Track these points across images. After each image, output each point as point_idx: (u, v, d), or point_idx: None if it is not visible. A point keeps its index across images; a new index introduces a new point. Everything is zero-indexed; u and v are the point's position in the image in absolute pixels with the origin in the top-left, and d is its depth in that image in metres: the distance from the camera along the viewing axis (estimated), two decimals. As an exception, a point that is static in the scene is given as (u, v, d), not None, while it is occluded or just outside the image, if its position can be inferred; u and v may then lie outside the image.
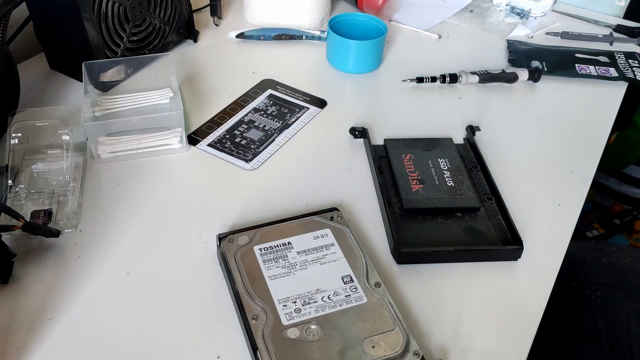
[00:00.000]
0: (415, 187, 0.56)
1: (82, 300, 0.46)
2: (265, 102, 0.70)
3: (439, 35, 0.86)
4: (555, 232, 0.55)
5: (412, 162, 0.59)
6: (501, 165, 0.62)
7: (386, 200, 0.55)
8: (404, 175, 0.57)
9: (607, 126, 0.70)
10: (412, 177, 0.57)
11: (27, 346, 0.43)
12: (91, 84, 0.64)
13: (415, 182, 0.57)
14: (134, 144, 0.60)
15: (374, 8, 0.87)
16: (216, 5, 0.84)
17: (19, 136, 0.57)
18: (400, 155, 0.60)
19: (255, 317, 0.42)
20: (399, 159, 0.59)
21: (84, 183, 0.57)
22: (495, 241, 0.51)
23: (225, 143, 0.63)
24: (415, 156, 0.60)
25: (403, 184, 0.56)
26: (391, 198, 0.56)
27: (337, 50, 0.76)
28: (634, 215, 1.36)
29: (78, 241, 0.51)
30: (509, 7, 0.92)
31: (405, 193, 0.55)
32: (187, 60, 0.77)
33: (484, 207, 0.55)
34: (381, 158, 0.61)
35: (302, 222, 0.50)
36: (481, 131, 0.65)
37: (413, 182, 0.57)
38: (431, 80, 0.74)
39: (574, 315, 0.64)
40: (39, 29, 0.70)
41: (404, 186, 0.56)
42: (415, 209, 0.54)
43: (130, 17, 0.69)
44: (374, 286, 0.45)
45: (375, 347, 0.41)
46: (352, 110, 0.70)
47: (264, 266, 0.46)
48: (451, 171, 0.58)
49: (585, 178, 0.62)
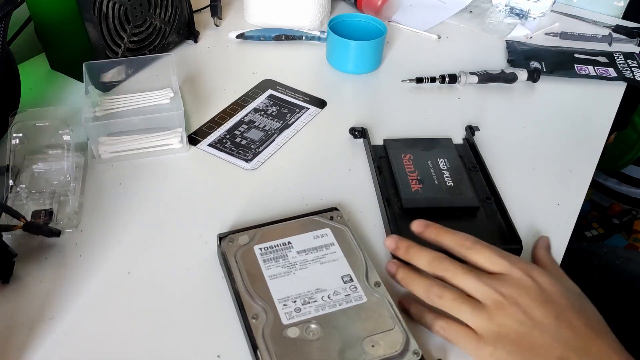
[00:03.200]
0: (414, 186, 0.56)
1: (83, 299, 0.47)
2: (266, 103, 0.70)
3: (438, 36, 0.87)
4: (555, 232, 0.55)
5: (411, 162, 0.59)
6: (500, 165, 0.62)
7: (386, 200, 0.55)
8: (403, 175, 0.57)
9: (606, 126, 0.70)
10: (412, 177, 0.57)
11: (27, 346, 0.43)
12: (92, 84, 0.64)
13: (414, 182, 0.57)
14: (134, 144, 0.60)
15: (373, 9, 0.87)
16: (216, 6, 0.84)
17: (19, 136, 0.57)
18: (400, 155, 0.60)
19: (256, 317, 0.42)
20: (398, 159, 0.60)
21: (84, 183, 0.57)
22: (494, 241, 0.51)
23: (226, 143, 0.63)
24: (414, 156, 0.60)
25: (402, 184, 0.56)
26: (391, 198, 0.56)
27: (337, 51, 0.76)
28: (633, 215, 1.36)
29: (79, 241, 0.51)
30: (508, 7, 0.92)
31: (405, 193, 0.56)
32: (187, 60, 0.77)
33: (483, 207, 0.56)
34: (381, 158, 0.61)
35: (302, 222, 0.50)
36: (480, 131, 0.65)
37: (413, 182, 0.57)
38: (430, 81, 0.74)
39: None
40: (40, 29, 0.70)
41: (404, 186, 0.56)
42: (414, 208, 0.54)
43: (131, 18, 0.69)
44: (373, 286, 0.45)
45: (375, 346, 0.41)
46: (352, 111, 0.70)
47: (264, 266, 0.46)
48: (450, 171, 0.58)
49: (585, 178, 0.62)
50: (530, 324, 0.39)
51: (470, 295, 0.42)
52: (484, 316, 0.40)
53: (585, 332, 0.39)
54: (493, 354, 0.39)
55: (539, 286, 0.41)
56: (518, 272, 0.42)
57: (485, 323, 0.40)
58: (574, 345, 0.39)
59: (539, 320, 0.39)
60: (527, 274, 0.42)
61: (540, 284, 0.41)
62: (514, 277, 0.42)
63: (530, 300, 0.40)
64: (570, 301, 0.41)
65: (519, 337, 0.39)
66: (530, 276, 0.42)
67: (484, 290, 0.41)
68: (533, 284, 0.41)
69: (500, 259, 0.43)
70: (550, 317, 0.40)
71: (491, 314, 0.40)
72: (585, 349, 0.38)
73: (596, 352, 0.39)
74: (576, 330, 0.39)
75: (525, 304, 0.40)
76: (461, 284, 0.42)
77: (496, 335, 0.40)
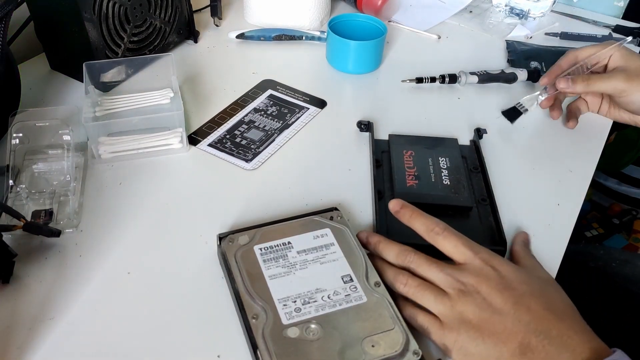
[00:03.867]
0: (410, 182, 0.56)
1: (83, 299, 0.47)
2: (266, 103, 0.70)
3: (438, 36, 0.87)
4: (555, 232, 0.55)
5: (412, 159, 0.59)
6: (500, 165, 0.62)
7: (378, 192, 0.55)
8: (401, 170, 0.58)
9: (606, 126, 0.70)
10: (409, 173, 0.57)
11: (27, 346, 0.43)
12: (92, 84, 0.65)
13: (411, 177, 0.57)
14: (134, 144, 0.60)
15: (373, 9, 0.87)
16: (216, 6, 0.84)
17: (20, 136, 0.57)
18: (402, 151, 0.60)
19: (256, 317, 0.42)
20: (399, 154, 0.60)
21: (84, 183, 0.57)
22: (482, 241, 0.50)
23: (226, 143, 0.63)
24: (416, 153, 0.60)
25: (398, 178, 0.57)
26: (385, 191, 0.57)
27: (337, 51, 0.76)
28: (633, 215, 1.36)
29: (79, 241, 0.51)
30: (508, 7, 0.92)
31: (399, 187, 0.56)
32: (187, 60, 0.77)
33: (477, 208, 0.56)
34: (383, 152, 0.62)
35: (302, 222, 0.50)
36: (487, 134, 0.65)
37: (409, 178, 0.57)
38: (430, 81, 0.74)
39: None
40: (40, 29, 0.70)
41: (399, 180, 0.57)
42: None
43: (131, 18, 0.69)
44: (373, 285, 0.45)
45: (375, 346, 0.41)
46: (352, 111, 0.70)
47: (264, 266, 0.46)
48: (450, 170, 0.58)
49: (585, 178, 0.62)
50: (490, 310, 0.41)
51: (435, 285, 0.44)
52: (447, 304, 0.42)
53: (545, 315, 0.41)
54: (457, 339, 0.41)
55: (499, 274, 0.43)
56: (479, 261, 0.44)
57: (448, 310, 0.42)
58: (534, 329, 0.40)
59: (499, 307, 0.41)
60: (487, 264, 0.44)
61: (500, 272, 0.43)
62: (475, 266, 0.44)
63: (489, 288, 0.42)
64: (531, 287, 0.43)
65: (481, 324, 0.41)
66: (491, 265, 0.44)
67: (447, 280, 0.43)
68: (493, 273, 0.43)
69: (465, 249, 0.45)
70: (509, 303, 0.41)
71: (453, 302, 0.42)
72: (546, 332, 0.40)
73: (557, 334, 0.40)
74: (535, 314, 0.41)
75: (485, 291, 0.42)
76: (425, 274, 0.44)
77: (459, 321, 0.41)
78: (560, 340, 0.39)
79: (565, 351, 0.39)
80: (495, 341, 0.40)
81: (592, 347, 0.39)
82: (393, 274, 0.45)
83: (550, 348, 0.39)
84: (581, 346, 0.39)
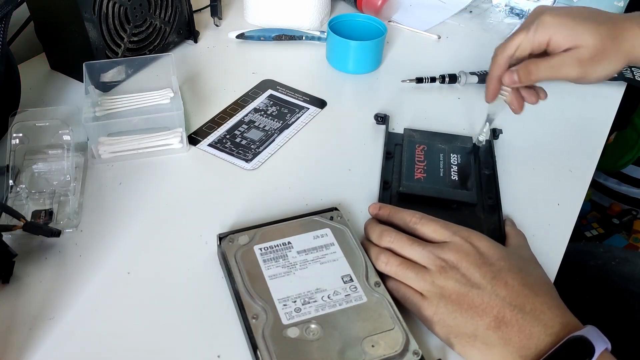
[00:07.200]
0: (418, 175, 0.57)
1: (83, 299, 0.47)
2: (266, 103, 0.70)
3: (438, 36, 0.87)
4: (555, 232, 0.55)
5: (423, 153, 0.60)
6: (499, 164, 0.62)
7: (384, 182, 0.56)
8: (410, 163, 0.58)
9: (606, 126, 0.70)
10: (419, 167, 0.58)
11: (27, 346, 0.43)
12: (92, 84, 0.65)
13: (420, 170, 0.57)
14: (134, 144, 0.60)
15: (373, 9, 0.87)
16: (216, 6, 0.84)
17: (19, 136, 0.57)
18: (415, 145, 0.61)
19: (256, 317, 0.42)
20: (411, 148, 0.60)
21: (84, 183, 0.57)
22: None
23: (226, 143, 0.63)
24: (429, 148, 0.61)
25: (407, 171, 0.57)
26: (393, 182, 0.58)
27: (337, 51, 0.76)
28: (633, 215, 1.36)
29: (79, 241, 0.51)
30: (508, 7, 0.92)
31: (406, 179, 0.56)
32: (187, 60, 0.77)
33: (482, 205, 0.56)
34: (396, 145, 0.63)
35: (302, 222, 0.50)
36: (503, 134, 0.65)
37: (417, 171, 0.57)
38: (430, 81, 0.74)
39: None
40: (40, 29, 0.70)
41: (407, 173, 0.57)
42: (410, 194, 0.55)
43: (131, 18, 0.69)
44: (373, 285, 0.45)
45: (375, 346, 0.41)
46: (352, 111, 0.70)
47: (264, 266, 0.46)
48: (459, 167, 0.58)
49: (585, 178, 0.62)
50: (469, 284, 0.42)
51: (416, 263, 0.45)
52: (428, 279, 0.44)
53: (521, 290, 0.42)
54: (436, 312, 0.43)
55: (477, 251, 0.44)
56: (459, 239, 0.45)
57: (429, 285, 0.43)
58: (509, 303, 0.41)
59: (477, 282, 0.42)
60: (467, 241, 0.45)
61: (479, 248, 0.45)
62: (455, 243, 0.45)
63: (468, 263, 0.43)
64: (509, 263, 0.44)
65: (459, 297, 0.42)
66: (470, 242, 0.45)
67: (428, 257, 0.44)
68: (472, 249, 0.44)
69: (443, 230, 0.46)
70: (487, 278, 0.43)
71: (434, 277, 0.43)
72: (520, 306, 0.41)
73: (530, 308, 0.41)
74: (511, 289, 0.42)
75: (464, 267, 0.43)
76: (407, 253, 0.46)
77: (439, 295, 0.43)
78: (533, 314, 0.41)
79: (538, 325, 0.40)
80: (472, 314, 0.42)
81: (564, 322, 0.41)
82: (375, 253, 0.47)
83: (523, 322, 0.40)
84: (553, 320, 0.41)
